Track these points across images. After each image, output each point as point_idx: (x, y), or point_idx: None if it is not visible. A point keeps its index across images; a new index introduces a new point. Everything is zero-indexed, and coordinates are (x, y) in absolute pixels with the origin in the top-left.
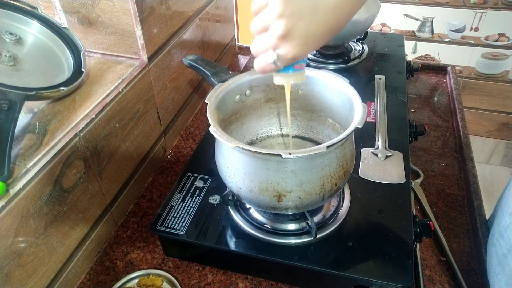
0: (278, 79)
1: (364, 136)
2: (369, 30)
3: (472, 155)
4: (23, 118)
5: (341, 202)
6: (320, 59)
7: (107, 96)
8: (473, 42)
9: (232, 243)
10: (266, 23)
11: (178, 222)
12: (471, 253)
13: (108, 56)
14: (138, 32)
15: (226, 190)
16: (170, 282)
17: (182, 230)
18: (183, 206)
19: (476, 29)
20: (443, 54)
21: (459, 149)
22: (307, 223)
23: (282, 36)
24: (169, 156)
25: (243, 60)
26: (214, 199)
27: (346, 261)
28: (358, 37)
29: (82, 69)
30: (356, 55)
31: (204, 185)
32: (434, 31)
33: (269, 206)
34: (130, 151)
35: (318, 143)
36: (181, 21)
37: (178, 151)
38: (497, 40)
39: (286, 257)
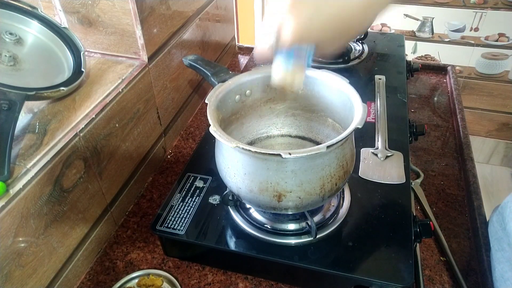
0: (275, 73)
1: (364, 136)
2: (369, 30)
3: (472, 155)
4: (23, 118)
5: (341, 202)
6: (320, 59)
7: (107, 96)
8: (473, 42)
9: (232, 243)
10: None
11: (178, 222)
12: (471, 253)
13: (108, 56)
14: (138, 32)
15: (226, 190)
16: (170, 282)
17: (182, 230)
18: (183, 206)
19: (476, 29)
20: (443, 54)
21: (459, 149)
22: (307, 223)
23: (290, 6)
24: (169, 156)
25: (243, 60)
26: (214, 199)
27: (346, 261)
28: (358, 37)
29: (82, 69)
30: (356, 55)
31: (204, 185)
32: (434, 31)
33: (269, 206)
34: (130, 151)
35: (318, 143)
36: (181, 21)
37: (178, 151)
38: (497, 40)
39: (286, 257)
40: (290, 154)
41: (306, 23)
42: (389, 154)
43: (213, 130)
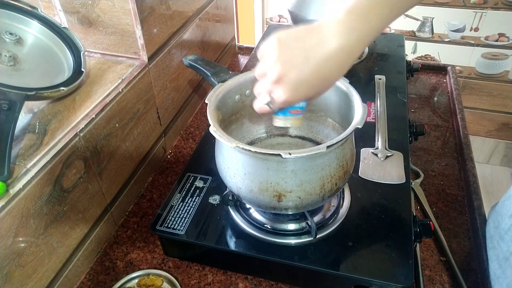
0: (276, 122)
1: (364, 136)
2: None
3: (472, 155)
4: (23, 118)
5: (341, 202)
6: None
7: (107, 96)
8: (473, 42)
9: (232, 243)
10: (265, 69)
11: (178, 222)
12: (471, 253)
13: (108, 56)
14: (138, 32)
15: (226, 190)
16: (170, 282)
17: (182, 230)
18: (183, 206)
19: (476, 29)
20: (443, 54)
21: (459, 149)
22: (307, 223)
23: (276, 80)
24: (169, 156)
25: (243, 60)
26: (214, 199)
27: (346, 261)
28: None
29: (82, 69)
30: None
31: (204, 185)
32: (434, 31)
33: (269, 206)
34: (130, 151)
35: (318, 143)
36: (181, 21)
37: (178, 151)
38: (497, 40)
39: (286, 257)
40: (290, 154)
41: (292, 89)
42: (389, 154)
43: (213, 130)
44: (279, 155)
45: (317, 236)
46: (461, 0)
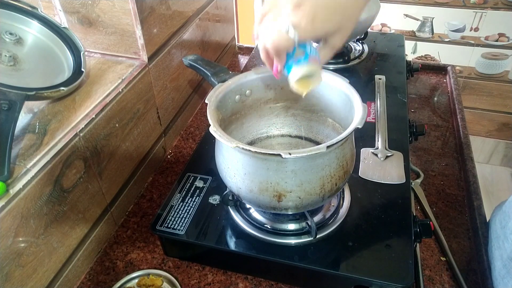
0: (294, 74)
1: (364, 136)
2: (369, 30)
3: (472, 155)
4: (23, 118)
5: (341, 202)
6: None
7: (107, 96)
8: (473, 42)
9: (232, 243)
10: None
11: (178, 222)
12: (471, 253)
13: (108, 56)
14: (138, 32)
15: (226, 190)
16: (170, 282)
17: (182, 230)
18: (183, 206)
19: (476, 29)
20: (443, 54)
21: (459, 149)
22: (307, 223)
23: (295, 5)
24: (169, 156)
25: (243, 60)
26: (214, 199)
27: (346, 261)
28: (358, 37)
29: (82, 69)
30: (356, 55)
31: (204, 185)
32: (434, 31)
33: (269, 206)
34: (130, 151)
35: (318, 143)
36: (181, 21)
37: (178, 151)
38: (497, 40)
39: (286, 257)
40: (290, 154)
41: (311, 17)
42: (389, 154)
43: (213, 130)
44: (279, 155)
45: (317, 236)
46: (461, 0)
